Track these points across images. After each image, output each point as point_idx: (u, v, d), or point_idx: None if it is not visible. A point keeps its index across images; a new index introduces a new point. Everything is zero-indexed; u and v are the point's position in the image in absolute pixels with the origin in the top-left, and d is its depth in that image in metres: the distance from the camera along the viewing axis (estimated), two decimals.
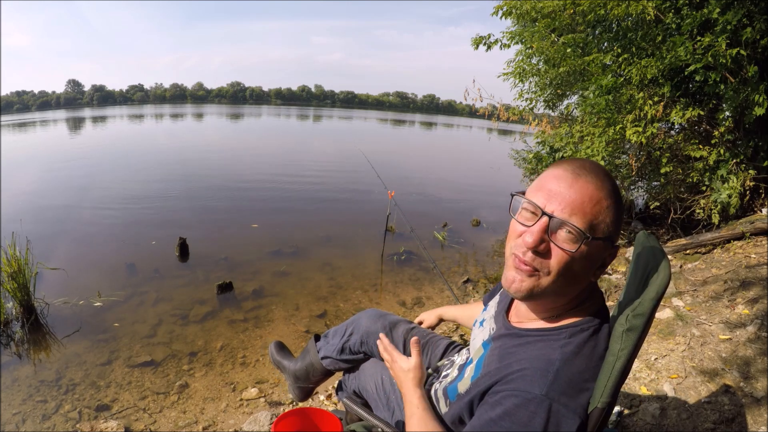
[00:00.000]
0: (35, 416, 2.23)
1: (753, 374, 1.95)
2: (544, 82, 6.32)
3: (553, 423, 0.69)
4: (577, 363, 0.73)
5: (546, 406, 0.69)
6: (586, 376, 0.73)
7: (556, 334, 0.78)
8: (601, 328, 0.79)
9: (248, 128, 28.03)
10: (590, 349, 0.76)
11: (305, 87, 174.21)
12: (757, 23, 3.51)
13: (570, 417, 0.69)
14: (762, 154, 4.25)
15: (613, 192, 0.74)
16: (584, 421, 0.71)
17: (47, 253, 4.12)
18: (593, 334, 0.78)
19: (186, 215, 6.05)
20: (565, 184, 0.73)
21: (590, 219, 0.71)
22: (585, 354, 0.75)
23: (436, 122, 54.97)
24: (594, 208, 0.72)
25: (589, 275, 0.77)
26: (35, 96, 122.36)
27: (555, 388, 0.70)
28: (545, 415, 0.69)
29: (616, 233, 0.75)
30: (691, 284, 3.19)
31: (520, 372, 0.74)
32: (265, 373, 2.65)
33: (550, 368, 0.72)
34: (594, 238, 0.72)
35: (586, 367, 0.74)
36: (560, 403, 0.69)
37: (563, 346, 0.75)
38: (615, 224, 0.74)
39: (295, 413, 1.18)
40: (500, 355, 0.82)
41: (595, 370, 0.75)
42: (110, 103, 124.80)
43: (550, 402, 0.69)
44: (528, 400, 0.70)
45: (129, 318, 3.24)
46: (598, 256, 0.75)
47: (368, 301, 3.63)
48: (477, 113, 6.94)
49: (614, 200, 0.74)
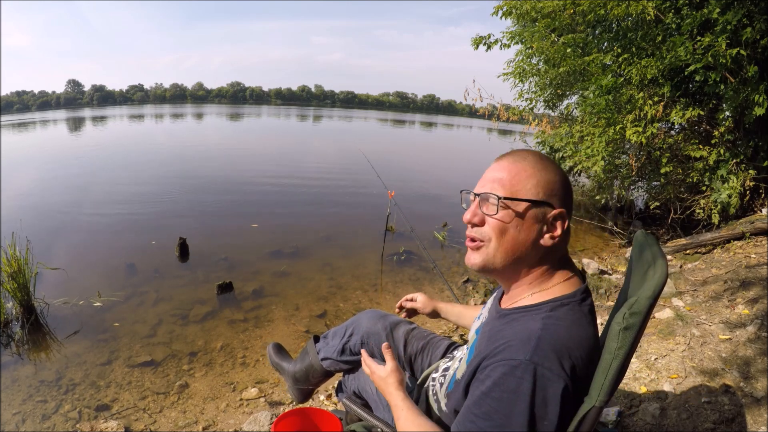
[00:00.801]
0: (35, 416, 2.23)
1: (753, 374, 1.95)
2: (544, 82, 6.33)
3: (540, 386, 0.71)
4: (559, 332, 0.76)
5: (531, 370, 0.71)
6: (569, 344, 0.75)
7: (537, 309, 0.82)
8: (584, 302, 0.83)
9: (248, 128, 28.03)
10: (572, 321, 0.79)
11: (305, 87, 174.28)
12: (757, 23, 3.51)
13: (555, 380, 0.71)
14: (762, 154, 4.26)
15: (535, 163, 0.83)
16: (569, 385, 0.72)
17: (47, 253, 4.12)
18: (575, 307, 0.81)
19: (186, 215, 6.04)
20: (491, 168, 0.86)
21: (509, 186, 0.82)
22: (566, 325, 0.78)
23: (436, 122, 54.94)
24: (513, 178, 0.82)
25: (530, 237, 0.82)
26: (35, 96, 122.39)
27: (538, 353, 0.73)
28: (532, 378, 0.71)
29: (549, 196, 0.82)
30: (691, 284, 3.19)
31: (505, 344, 0.77)
32: (265, 373, 2.65)
33: (532, 336, 0.75)
34: (510, 198, 0.81)
35: (568, 336, 0.76)
36: (545, 367, 0.72)
37: (544, 318, 0.79)
38: (542, 187, 0.82)
39: (295, 413, 1.18)
40: (489, 336, 0.85)
41: (579, 340, 0.77)
42: (110, 103, 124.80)
43: (535, 366, 0.72)
44: (514, 367, 0.73)
45: (129, 318, 3.24)
46: (533, 218, 0.82)
47: (368, 301, 3.62)
48: (477, 113, 6.96)
49: (536, 169, 0.82)
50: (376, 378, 1.05)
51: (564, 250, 0.88)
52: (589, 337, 0.79)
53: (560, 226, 0.82)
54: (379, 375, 1.04)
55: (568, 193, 0.85)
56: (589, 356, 0.77)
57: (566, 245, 0.88)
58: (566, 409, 0.73)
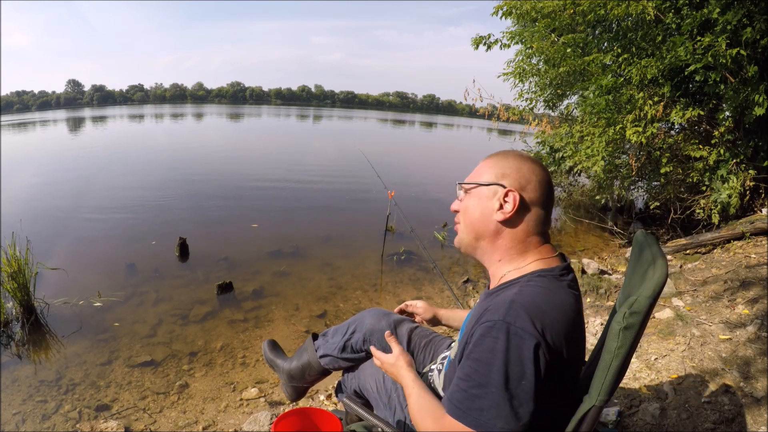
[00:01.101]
0: (35, 416, 2.23)
1: (753, 374, 1.95)
2: (544, 82, 6.32)
3: (514, 345, 0.75)
4: (533, 295, 0.81)
5: (505, 329, 0.76)
6: (543, 307, 0.79)
7: (516, 282, 0.88)
8: (563, 276, 0.88)
9: (248, 128, 28.03)
10: (548, 288, 0.84)
11: (305, 87, 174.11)
12: (757, 23, 3.51)
13: (527, 338, 0.75)
14: (762, 154, 4.25)
15: (503, 156, 0.96)
16: (541, 344, 0.75)
17: (47, 253, 4.13)
18: (553, 279, 0.86)
19: (186, 215, 6.04)
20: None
21: (472, 177, 0.98)
22: (541, 292, 0.83)
23: (436, 122, 54.90)
24: (479, 169, 0.97)
25: (486, 213, 0.93)
26: (35, 96, 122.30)
27: (511, 314, 0.77)
28: (505, 337, 0.76)
29: (500, 178, 0.93)
30: (691, 284, 3.19)
31: (486, 311, 0.83)
32: (265, 373, 2.65)
33: (507, 300, 0.81)
34: (466, 183, 0.97)
35: (543, 299, 0.81)
36: (517, 325, 0.76)
37: (521, 287, 0.85)
38: (495, 173, 0.93)
39: (295, 413, 1.18)
40: (476, 313, 0.91)
41: (554, 304, 0.81)
42: (110, 103, 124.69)
43: (508, 325, 0.76)
44: (490, 327, 0.78)
45: (129, 318, 3.24)
46: (485, 197, 0.93)
47: (368, 301, 3.62)
48: (477, 113, 6.95)
49: (498, 159, 0.95)
50: (387, 366, 1.09)
51: (536, 233, 0.92)
52: (567, 303, 0.83)
53: (512, 203, 0.90)
54: (389, 362, 1.08)
55: (526, 178, 0.91)
56: (567, 320, 0.80)
57: (536, 227, 0.92)
58: (545, 370, 0.75)
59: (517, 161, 0.94)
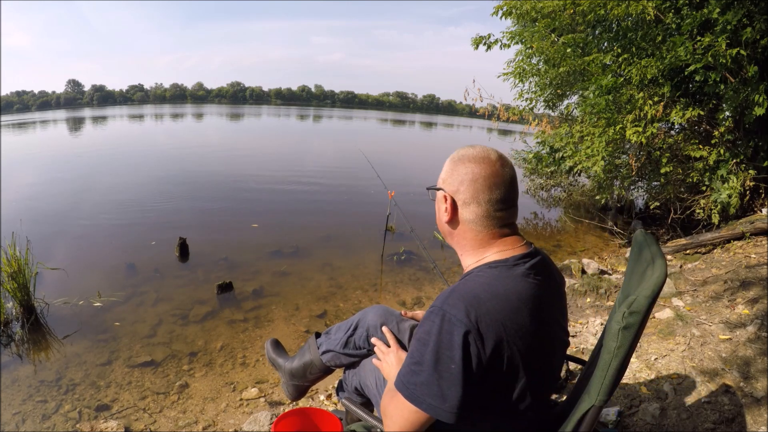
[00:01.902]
0: (35, 416, 2.23)
1: (753, 374, 1.95)
2: (544, 82, 6.32)
3: (446, 330, 0.81)
4: (473, 285, 0.87)
5: (440, 315, 0.83)
6: (481, 296, 0.84)
7: (468, 273, 0.94)
8: (516, 266, 0.91)
9: (248, 128, 28.03)
10: (493, 277, 0.88)
11: (305, 87, 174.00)
12: (757, 23, 3.51)
13: (458, 325, 0.80)
14: (762, 154, 4.25)
15: (447, 161, 1.00)
16: (471, 332, 0.80)
17: (47, 253, 4.12)
18: (502, 270, 0.90)
19: (186, 215, 6.04)
20: None
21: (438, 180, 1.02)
22: (483, 281, 0.88)
23: (436, 122, 54.89)
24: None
25: (439, 215, 1.01)
26: (35, 96, 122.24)
27: (448, 302, 0.84)
28: (440, 322, 0.82)
29: (441, 183, 0.99)
30: (691, 284, 3.19)
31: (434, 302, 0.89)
32: (265, 373, 2.65)
33: (449, 289, 0.88)
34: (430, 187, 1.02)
35: (482, 289, 0.85)
36: (451, 313, 0.82)
37: (465, 277, 0.93)
38: (440, 179, 1.00)
39: (295, 413, 1.18)
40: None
41: (495, 293, 0.85)
42: (110, 103, 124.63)
43: (444, 311, 0.83)
44: (431, 312, 0.85)
45: (129, 318, 3.24)
46: (440, 201, 0.99)
47: (368, 301, 3.62)
48: (477, 113, 6.95)
49: (445, 165, 1.00)
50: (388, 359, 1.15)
51: (489, 227, 0.95)
52: (512, 291, 0.86)
53: (448, 206, 0.96)
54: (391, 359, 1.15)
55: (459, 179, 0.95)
56: (510, 309, 0.84)
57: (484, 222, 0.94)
58: (476, 357, 0.80)
59: (454, 163, 0.98)
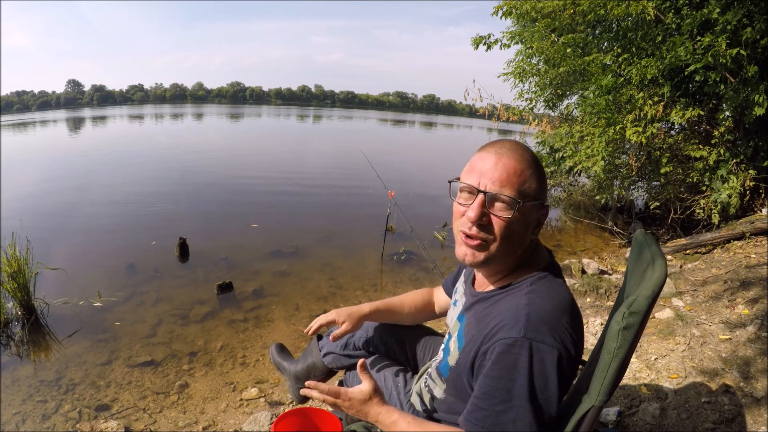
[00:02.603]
0: (35, 416, 2.23)
1: (753, 374, 1.95)
2: (544, 82, 6.32)
3: (537, 360, 0.76)
4: (544, 304, 0.81)
5: (527, 346, 0.76)
6: (555, 314, 0.80)
7: (518, 286, 0.87)
8: (554, 272, 0.89)
9: (248, 128, 28.02)
10: (552, 291, 0.84)
11: (305, 87, 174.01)
12: (757, 23, 3.51)
13: (549, 351, 0.76)
14: (762, 154, 4.25)
15: (532, 162, 0.86)
16: (563, 354, 0.77)
17: (47, 253, 4.12)
18: (550, 278, 0.87)
19: (186, 215, 6.05)
20: (491, 163, 0.84)
21: (518, 187, 0.83)
22: (550, 296, 0.83)
23: (436, 122, 54.88)
24: (519, 178, 0.83)
25: (528, 234, 0.88)
26: (35, 96, 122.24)
27: (530, 328, 0.77)
28: (528, 353, 0.76)
29: (543, 195, 0.87)
30: (691, 284, 3.19)
31: (498, 326, 0.81)
32: (265, 373, 2.65)
33: (521, 313, 0.79)
34: (525, 201, 0.83)
35: (552, 306, 0.81)
36: (538, 340, 0.76)
37: (528, 293, 0.83)
38: (540, 187, 0.86)
39: (295, 413, 1.18)
40: (476, 320, 0.89)
41: (562, 307, 0.82)
42: (110, 103, 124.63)
43: (530, 341, 0.76)
44: (510, 345, 0.77)
45: (129, 318, 3.24)
46: (532, 217, 0.86)
47: (368, 301, 3.62)
48: (477, 113, 6.96)
49: (534, 169, 0.86)
50: (354, 402, 0.98)
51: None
52: (569, 302, 0.84)
53: (544, 219, 0.89)
54: (358, 398, 0.98)
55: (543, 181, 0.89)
56: (572, 318, 0.82)
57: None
58: (566, 375, 0.78)
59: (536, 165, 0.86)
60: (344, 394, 0.99)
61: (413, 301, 1.35)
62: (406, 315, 1.34)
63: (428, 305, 1.36)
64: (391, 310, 1.33)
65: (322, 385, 1.02)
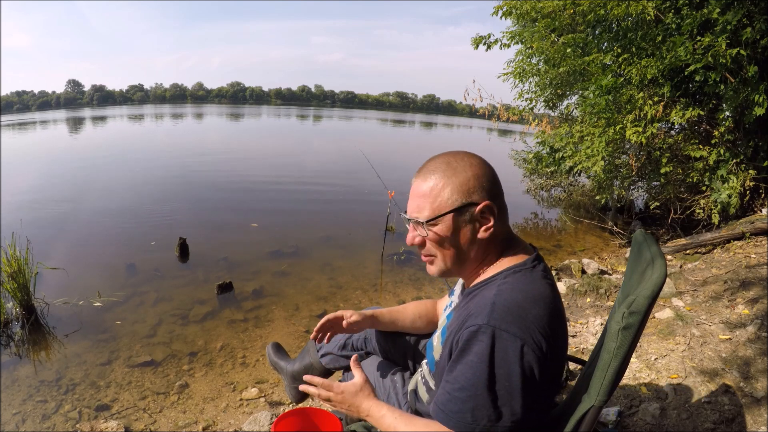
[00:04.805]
0: (35, 416, 2.23)
1: (753, 374, 1.95)
2: (544, 82, 6.32)
3: (499, 348, 0.77)
4: (513, 294, 0.82)
5: (490, 333, 0.77)
6: (524, 304, 0.80)
7: (492, 280, 0.89)
8: (535, 268, 0.89)
9: (248, 128, 28.02)
10: (525, 282, 0.85)
11: (305, 87, 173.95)
12: (757, 23, 3.51)
13: (512, 340, 0.76)
14: (762, 154, 4.25)
15: (444, 171, 0.88)
16: (527, 343, 0.76)
17: (47, 253, 4.13)
18: (527, 272, 0.87)
19: (186, 215, 6.04)
20: (411, 189, 0.93)
21: (429, 206, 0.88)
22: (520, 287, 0.84)
23: (436, 122, 54.86)
24: (428, 199, 0.88)
25: (469, 237, 0.89)
26: (35, 96, 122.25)
27: (495, 317, 0.78)
28: (490, 340, 0.77)
29: (468, 195, 0.87)
30: (691, 284, 3.19)
31: (468, 315, 0.84)
32: (265, 373, 2.65)
33: (488, 302, 0.82)
34: (437, 216, 0.87)
35: (523, 297, 0.82)
36: (501, 328, 0.77)
37: (499, 286, 0.85)
38: (458, 192, 0.86)
39: (295, 413, 1.18)
40: (458, 315, 0.92)
41: (534, 299, 0.82)
42: (110, 103, 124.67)
43: (492, 328, 0.77)
44: (475, 332, 0.79)
45: (129, 318, 3.24)
46: (462, 222, 0.88)
47: (368, 301, 3.63)
48: (477, 113, 6.95)
49: (446, 176, 0.88)
50: (347, 395, 1.01)
51: (507, 230, 0.93)
52: (545, 295, 0.84)
53: (490, 217, 0.88)
54: (350, 390, 1.01)
55: (490, 179, 0.89)
56: (548, 313, 0.81)
57: (506, 225, 0.93)
58: (530, 368, 0.76)
59: (474, 166, 0.88)
60: (336, 387, 1.03)
61: (415, 312, 1.34)
62: (408, 326, 1.33)
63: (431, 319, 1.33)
64: (393, 320, 1.33)
65: (317, 378, 1.06)
